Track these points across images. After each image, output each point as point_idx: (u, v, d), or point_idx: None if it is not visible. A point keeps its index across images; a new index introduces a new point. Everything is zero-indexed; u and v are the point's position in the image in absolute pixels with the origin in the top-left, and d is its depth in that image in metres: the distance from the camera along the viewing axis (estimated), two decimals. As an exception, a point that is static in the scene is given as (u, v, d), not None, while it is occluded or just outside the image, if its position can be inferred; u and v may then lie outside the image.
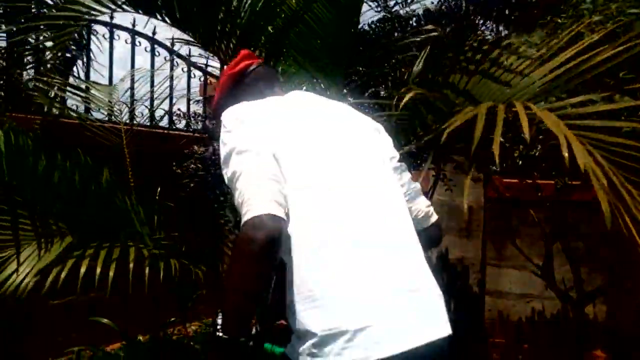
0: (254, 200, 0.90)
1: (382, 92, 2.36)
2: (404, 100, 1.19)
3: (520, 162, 2.94)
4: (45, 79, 2.51)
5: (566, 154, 0.98)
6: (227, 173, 1.01)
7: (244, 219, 0.89)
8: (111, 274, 1.41)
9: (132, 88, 2.73)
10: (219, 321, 0.91)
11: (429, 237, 1.20)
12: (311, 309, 0.89)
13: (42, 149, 1.75)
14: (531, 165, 2.75)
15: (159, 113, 3.08)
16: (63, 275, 1.38)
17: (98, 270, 1.44)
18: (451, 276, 3.75)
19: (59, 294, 1.52)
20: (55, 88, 2.54)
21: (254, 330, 1.02)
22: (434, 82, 1.58)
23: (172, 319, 3.11)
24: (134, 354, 2.71)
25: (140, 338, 2.91)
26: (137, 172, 2.26)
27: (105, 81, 3.00)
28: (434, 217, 1.24)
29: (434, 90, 1.49)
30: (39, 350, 2.88)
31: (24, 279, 1.40)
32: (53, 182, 1.57)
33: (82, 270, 1.44)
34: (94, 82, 2.59)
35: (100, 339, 3.21)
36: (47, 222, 1.52)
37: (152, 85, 2.86)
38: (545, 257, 3.00)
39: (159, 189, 2.20)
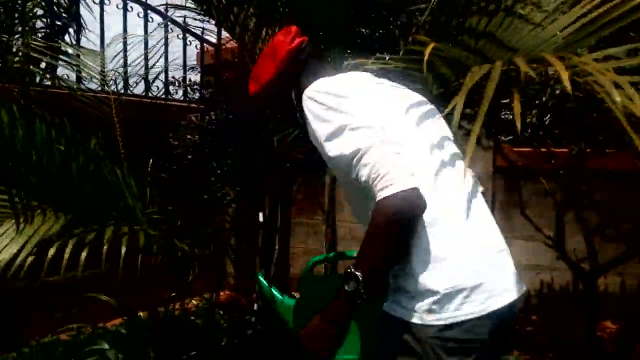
0: (394, 174, 0.94)
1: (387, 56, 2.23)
2: (426, 56, 1.07)
3: (530, 130, 2.81)
4: (33, 44, 2.37)
5: (618, 99, 0.86)
6: (338, 150, 1.01)
7: (389, 192, 0.93)
8: (83, 255, 1.32)
9: (124, 50, 2.59)
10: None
11: None
12: (433, 269, 0.99)
13: (23, 118, 1.64)
14: (544, 132, 2.62)
15: (154, 82, 2.96)
16: (25, 256, 1.29)
17: (83, 255, 1.35)
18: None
19: (55, 270, 1.43)
20: (46, 57, 2.41)
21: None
22: (447, 27, 1.44)
23: (173, 294, 3.07)
24: (134, 330, 2.66)
25: (141, 314, 2.86)
26: (129, 143, 2.15)
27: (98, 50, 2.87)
28: None
29: (448, 37, 1.36)
30: (38, 327, 2.84)
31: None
32: (33, 154, 1.46)
33: (67, 254, 1.35)
34: (83, 47, 2.46)
35: (101, 316, 3.17)
36: (27, 198, 1.43)
37: (145, 49, 2.73)
38: (557, 227, 2.89)
39: (151, 160, 2.10)
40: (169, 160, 2.37)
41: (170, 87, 3.01)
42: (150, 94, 2.98)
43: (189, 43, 3.33)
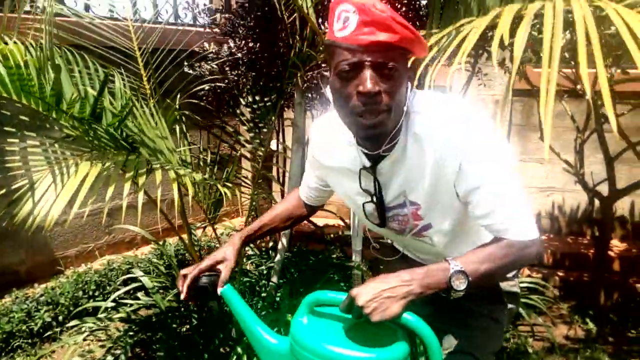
0: (530, 216, 0.99)
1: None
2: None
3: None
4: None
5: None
6: (493, 172, 0.96)
7: (535, 235, 0.98)
8: (124, 201, 1.33)
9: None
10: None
11: None
12: None
13: (47, 60, 1.58)
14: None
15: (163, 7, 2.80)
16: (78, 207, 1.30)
17: (124, 200, 1.36)
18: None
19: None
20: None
21: None
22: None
23: (199, 223, 3.14)
24: (164, 257, 2.76)
25: (169, 241, 2.95)
26: (149, 73, 2.08)
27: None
28: None
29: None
30: (71, 257, 2.94)
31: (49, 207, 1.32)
32: (64, 100, 1.42)
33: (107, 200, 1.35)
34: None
35: (130, 244, 3.28)
36: (62, 144, 1.41)
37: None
38: (577, 151, 2.90)
39: (178, 95, 2.04)
40: (189, 93, 2.31)
41: (180, 12, 2.85)
42: (159, 20, 2.83)
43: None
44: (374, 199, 1.07)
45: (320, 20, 1.99)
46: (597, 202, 3.18)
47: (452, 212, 1.04)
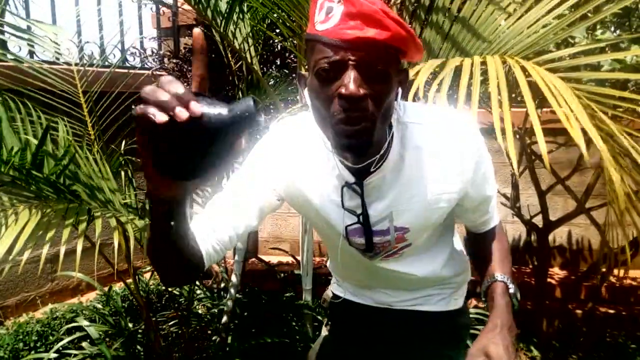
0: None
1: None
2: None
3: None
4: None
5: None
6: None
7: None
8: (79, 249, 1.33)
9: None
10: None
11: None
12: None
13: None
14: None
15: (110, 51, 2.81)
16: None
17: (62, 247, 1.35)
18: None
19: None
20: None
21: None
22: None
23: (148, 268, 3.08)
24: (110, 303, 2.68)
25: (115, 287, 2.87)
26: (93, 119, 2.08)
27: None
28: None
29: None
30: (11, 307, 2.81)
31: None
32: (4, 150, 1.42)
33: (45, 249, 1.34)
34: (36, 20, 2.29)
35: (75, 291, 3.16)
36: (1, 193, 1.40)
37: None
38: (512, 185, 3.08)
39: (124, 140, 2.05)
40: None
41: (128, 56, 2.88)
42: (107, 63, 2.84)
43: (143, 5, 3.17)
44: (360, 219, 0.94)
45: (264, 69, 2.08)
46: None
47: (435, 227, 1.01)
